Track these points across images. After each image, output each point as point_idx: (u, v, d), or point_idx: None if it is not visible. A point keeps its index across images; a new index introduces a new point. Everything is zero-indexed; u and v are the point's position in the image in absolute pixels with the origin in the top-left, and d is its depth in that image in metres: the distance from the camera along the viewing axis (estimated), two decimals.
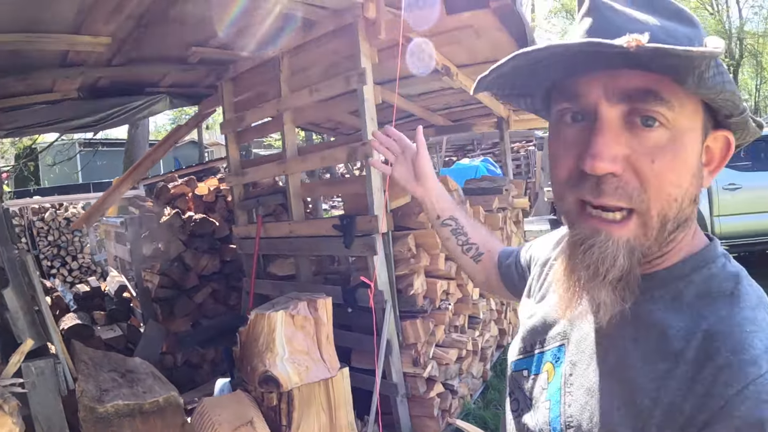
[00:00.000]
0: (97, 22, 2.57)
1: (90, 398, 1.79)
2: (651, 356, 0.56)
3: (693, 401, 0.51)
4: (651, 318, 0.58)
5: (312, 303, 2.27)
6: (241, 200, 3.54)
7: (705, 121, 0.57)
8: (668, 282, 0.60)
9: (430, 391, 2.93)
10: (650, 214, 0.55)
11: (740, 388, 0.49)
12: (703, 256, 0.61)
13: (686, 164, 0.56)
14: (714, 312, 0.55)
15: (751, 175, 6.12)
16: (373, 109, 2.62)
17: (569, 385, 0.63)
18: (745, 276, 0.60)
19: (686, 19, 0.57)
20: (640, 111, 0.54)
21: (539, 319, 0.75)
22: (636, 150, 0.54)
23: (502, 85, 0.65)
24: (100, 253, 7.59)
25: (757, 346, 0.51)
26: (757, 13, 25.50)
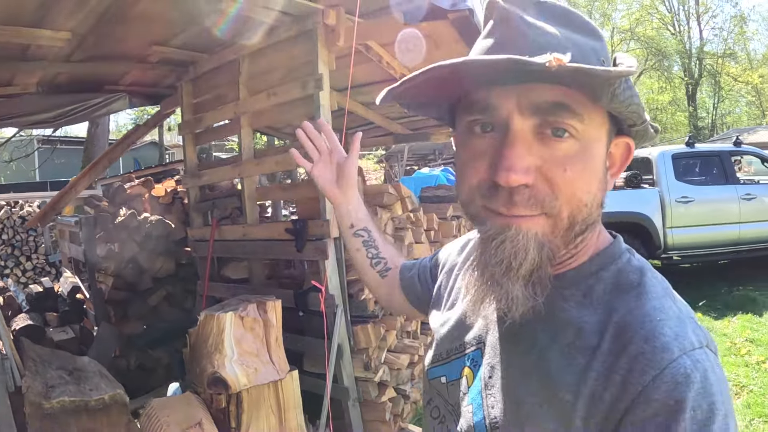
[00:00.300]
0: (58, 17, 2.53)
1: (36, 394, 1.76)
2: (568, 352, 0.58)
3: (612, 390, 0.53)
4: (565, 316, 0.61)
5: (261, 305, 2.27)
6: (197, 202, 3.51)
7: (610, 129, 0.61)
8: (578, 280, 0.63)
9: (382, 395, 2.95)
10: (561, 217, 0.58)
11: (656, 374, 0.51)
12: (609, 252, 0.64)
13: (595, 171, 0.59)
14: (623, 305, 0.58)
15: (704, 189, 6.40)
16: (329, 115, 2.65)
17: (490, 388, 0.65)
18: (649, 269, 0.63)
19: (591, 32, 0.60)
20: (551, 123, 0.55)
21: (452, 325, 0.76)
22: (548, 160, 0.56)
23: (411, 96, 0.65)
24: (54, 254, 7.36)
25: (666, 333, 0.54)
26: (717, 35, 26.63)
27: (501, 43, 0.57)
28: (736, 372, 3.90)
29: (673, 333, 0.54)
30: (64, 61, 3.16)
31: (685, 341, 0.54)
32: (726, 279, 6.57)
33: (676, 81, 26.47)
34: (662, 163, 6.41)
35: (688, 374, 0.51)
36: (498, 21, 0.58)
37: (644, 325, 0.55)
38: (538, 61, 0.47)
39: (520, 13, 0.57)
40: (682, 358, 0.52)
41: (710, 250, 6.40)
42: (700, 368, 0.52)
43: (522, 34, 0.56)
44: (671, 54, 25.64)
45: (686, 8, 26.05)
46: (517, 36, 0.56)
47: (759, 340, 4.49)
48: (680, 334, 0.54)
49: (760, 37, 29.68)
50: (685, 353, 0.53)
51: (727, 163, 6.59)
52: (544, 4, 0.59)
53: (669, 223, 6.24)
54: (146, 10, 2.59)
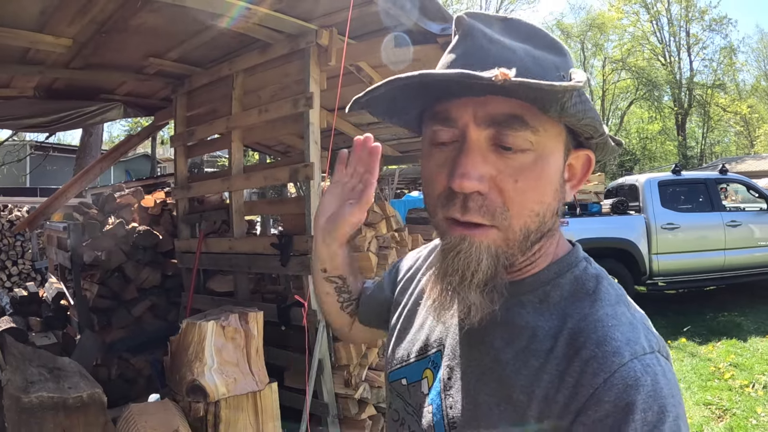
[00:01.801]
0: (60, 23, 2.60)
1: (15, 388, 1.77)
2: (523, 355, 0.60)
3: (565, 392, 0.55)
4: (521, 320, 0.62)
5: (243, 316, 2.29)
6: (186, 214, 3.53)
7: (567, 142, 0.62)
8: (536, 287, 0.64)
9: (362, 412, 2.95)
10: (512, 229, 0.59)
11: (607, 377, 0.53)
12: (567, 260, 0.66)
13: (549, 182, 0.60)
14: (578, 311, 0.60)
15: (689, 216, 6.46)
16: (318, 133, 2.70)
17: (449, 389, 0.66)
18: (605, 277, 0.65)
19: (554, 47, 0.61)
20: (506, 135, 0.57)
21: (415, 329, 0.78)
22: (502, 171, 0.58)
23: (377, 105, 0.67)
24: (41, 260, 7.30)
25: (618, 338, 0.56)
26: (706, 66, 27.14)
27: (462, 57, 0.59)
28: (720, 396, 3.94)
29: (625, 338, 0.56)
30: (62, 67, 3.21)
31: (636, 346, 0.55)
32: (711, 305, 6.63)
33: (666, 111, 26.92)
34: (648, 189, 6.50)
35: (638, 377, 0.52)
36: (462, 36, 0.61)
37: (597, 330, 0.57)
38: (485, 76, 0.50)
39: (483, 29, 0.59)
40: (632, 362, 0.54)
41: (695, 277, 6.45)
42: (651, 372, 0.53)
43: (482, 49, 0.58)
44: (662, 84, 26.12)
45: (677, 39, 26.63)
46: (478, 51, 0.58)
47: (743, 365, 4.54)
48: (632, 339, 0.56)
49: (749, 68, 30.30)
50: (636, 357, 0.54)
51: (713, 191, 6.69)
52: (510, 21, 0.62)
53: (655, 249, 6.30)
54: (146, 23, 2.65)
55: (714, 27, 26.07)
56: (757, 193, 7.07)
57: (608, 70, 27.41)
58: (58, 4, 2.38)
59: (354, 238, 2.97)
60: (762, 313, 6.12)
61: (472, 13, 0.62)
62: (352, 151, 0.84)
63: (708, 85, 26.36)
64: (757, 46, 30.65)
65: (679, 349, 5.11)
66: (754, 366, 4.50)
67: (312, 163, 2.62)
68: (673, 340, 5.38)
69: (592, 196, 7.03)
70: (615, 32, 27.73)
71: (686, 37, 26.46)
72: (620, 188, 7.27)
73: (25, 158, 11.32)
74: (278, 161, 5.01)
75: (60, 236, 4.72)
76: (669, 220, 6.34)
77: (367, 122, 4.27)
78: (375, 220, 3.10)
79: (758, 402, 3.79)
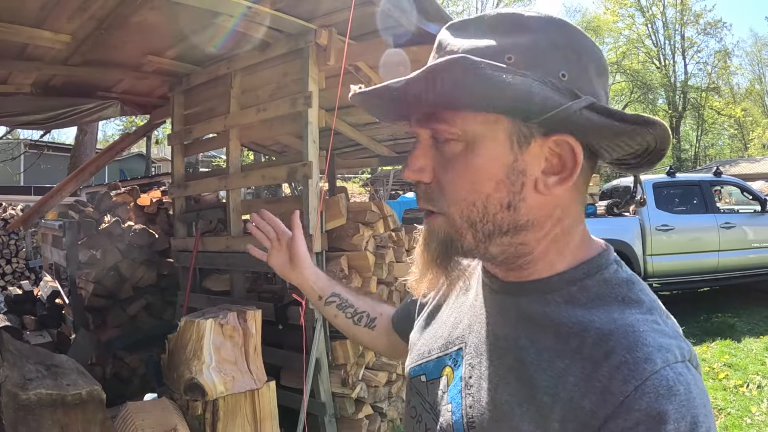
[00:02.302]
0: (60, 19, 2.58)
1: (13, 384, 1.75)
2: (547, 355, 0.58)
3: (592, 398, 0.52)
4: (545, 318, 0.61)
5: (242, 314, 2.29)
6: (182, 213, 3.52)
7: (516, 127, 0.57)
8: (561, 286, 0.62)
9: (359, 412, 2.95)
10: (453, 216, 0.61)
11: (638, 384, 0.51)
12: (597, 262, 0.64)
13: (482, 171, 0.59)
14: (607, 314, 0.58)
15: (684, 218, 6.50)
16: (317, 132, 2.70)
17: (469, 387, 0.65)
18: (637, 281, 0.63)
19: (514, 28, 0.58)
20: (434, 132, 0.61)
21: (436, 326, 0.78)
22: (438, 162, 0.62)
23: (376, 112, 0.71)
24: (35, 259, 7.27)
25: (650, 343, 0.53)
26: (701, 69, 27.30)
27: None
28: (714, 396, 3.97)
29: (657, 344, 0.54)
30: (60, 64, 3.19)
31: (668, 353, 0.53)
32: (705, 306, 6.67)
33: (660, 114, 27.02)
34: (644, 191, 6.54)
35: (670, 386, 0.50)
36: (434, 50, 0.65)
37: (627, 335, 0.55)
38: (353, 90, 0.59)
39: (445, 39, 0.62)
40: (665, 369, 0.52)
41: (690, 278, 6.48)
42: (683, 381, 0.51)
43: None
44: (656, 87, 26.27)
45: (672, 43, 26.78)
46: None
47: (737, 365, 4.58)
48: (664, 346, 0.54)
49: (744, 71, 30.50)
50: (669, 365, 0.52)
51: (707, 193, 6.74)
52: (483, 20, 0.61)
53: (649, 250, 6.33)
54: (146, 20, 2.64)
55: (709, 30, 26.25)
56: (750, 196, 7.12)
57: None
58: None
59: (352, 237, 2.98)
60: (755, 314, 6.17)
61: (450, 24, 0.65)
62: (259, 226, 1.07)
63: (702, 88, 26.54)
64: (751, 49, 30.89)
65: None
66: (748, 366, 4.53)
67: (310, 162, 2.62)
68: None
69: (587, 197, 7.06)
70: (610, 35, 27.84)
71: (681, 40, 26.63)
72: (615, 190, 7.31)
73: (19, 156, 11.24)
74: (276, 160, 5.01)
75: (55, 234, 4.70)
76: (663, 222, 6.38)
77: (364, 122, 4.28)
78: (373, 219, 3.10)
79: (752, 401, 3.83)
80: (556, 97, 0.53)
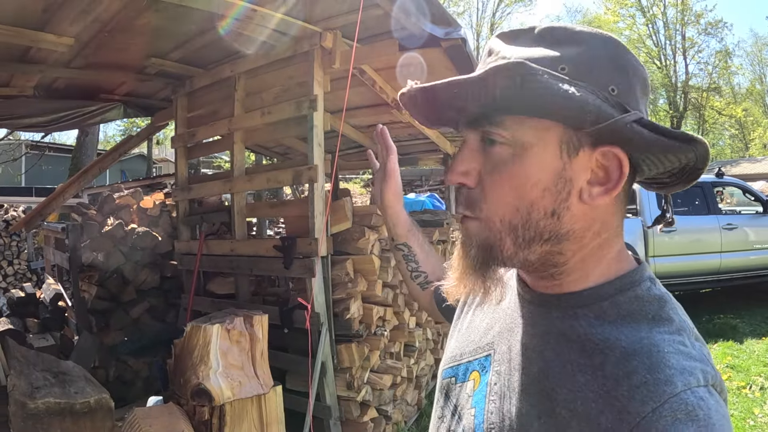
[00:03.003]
0: (63, 22, 2.57)
1: (21, 393, 1.75)
2: (570, 369, 0.58)
3: (609, 416, 0.52)
4: (573, 333, 0.60)
5: (248, 319, 2.28)
6: (186, 216, 3.52)
7: (567, 135, 0.58)
8: (592, 301, 0.62)
9: (364, 415, 2.95)
10: (491, 221, 0.61)
11: (656, 406, 0.50)
12: (630, 278, 0.63)
13: (530, 176, 0.59)
14: (634, 332, 0.57)
15: (687, 219, 6.49)
16: (322, 135, 2.70)
17: (493, 394, 0.66)
18: (669, 300, 0.62)
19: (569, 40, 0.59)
20: (485, 133, 0.61)
21: (469, 330, 0.79)
22: (484, 165, 0.62)
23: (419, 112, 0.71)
24: (37, 261, 7.26)
25: (673, 365, 0.52)
26: (702, 69, 27.27)
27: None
28: None
29: (680, 366, 0.53)
30: (63, 67, 3.19)
31: (690, 377, 0.52)
32: (707, 307, 6.68)
33: (661, 114, 27.05)
34: (645, 193, 6.53)
35: (689, 411, 0.49)
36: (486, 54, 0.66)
37: (651, 355, 0.54)
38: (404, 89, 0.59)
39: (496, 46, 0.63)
40: (685, 393, 0.51)
41: (692, 279, 6.49)
42: (704, 406, 0.50)
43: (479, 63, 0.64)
44: (657, 87, 26.24)
45: (673, 43, 26.76)
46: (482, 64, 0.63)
47: (739, 367, 4.58)
48: (687, 368, 0.53)
49: (744, 71, 30.47)
50: (690, 389, 0.51)
51: (709, 194, 6.73)
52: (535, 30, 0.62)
53: (651, 252, 6.33)
54: (149, 23, 2.64)
55: (709, 30, 26.22)
56: (752, 197, 7.12)
57: None
58: (62, 2, 2.36)
59: (357, 241, 2.97)
60: (757, 316, 6.18)
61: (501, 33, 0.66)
62: (382, 140, 1.05)
63: (703, 88, 26.52)
64: (752, 49, 30.88)
65: None
66: (750, 368, 4.53)
67: (315, 166, 2.62)
68: None
69: None
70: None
71: (682, 40, 26.60)
72: None
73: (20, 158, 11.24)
74: (281, 163, 5.00)
75: (58, 237, 4.70)
76: None
77: (368, 124, 4.27)
78: (378, 223, 3.10)
79: (755, 403, 3.82)
80: (609, 110, 0.54)
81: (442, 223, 4.17)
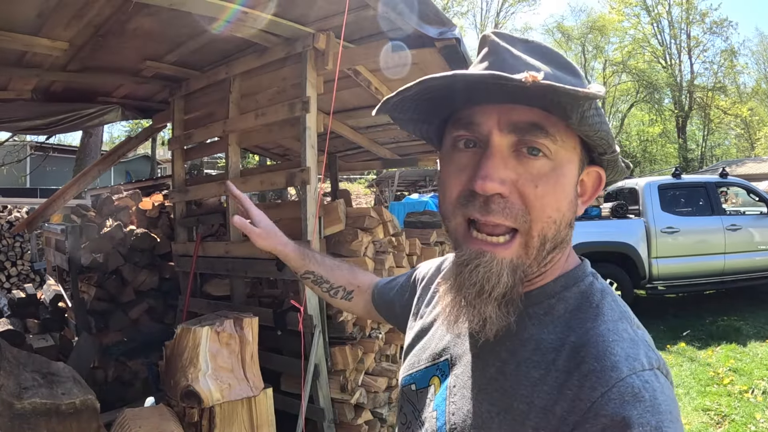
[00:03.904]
0: (56, 27, 2.58)
1: (9, 394, 1.76)
2: (525, 366, 0.61)
3: (563, 405, 0.56)
4: (526, 332, 0.64)
5: (238, 321, 2.28)
6: (183, 217, 3.52)
7: (582, 156, 0.65)
8: (542, 299, 0.66)
9: (358, 418, 2.94)
10: (532, 234, 0.61)
11: (604, 391, 0.54)
12: (574, 274, 0.68)
13: (565, 191, 0.62)
14: (581, 325, 0.62)
15: (689, 220, 6.46)
16: (315, 137, 2.69)
17: (453, 396, 0.68)
18: (610, 292, 0.67)
19: (572, 70, 0.65)
20: (527, 142, 0.60)
21: (427, 337, 0.80)
22: (522, 176, 0.60)
23: (405, 109, 0.69)
24: (40, 261, 7.30)
25: (618, 353, 0.57)
26: (707, 69, 27.10)
27: (491, 67, 0.62)
28: (719, 401, 3.92)
29: (624, 353, 0.57)
30: (59, 70, 3.20)
31: (635, 362, 0.56)
32: (710, 309, 6.63)
33: (666, 113, 26.90)
34: (648, 193, 6.50)
35: (635, 393, 0.53)
36: (487, 52, 0.65)
37: (597, 345, 0.58)
38: (516, 77, 0.52)
39: (507, 47, 0.63)
40: (631, 377, 0.55)
41: (695, 281, 6.45)
42: (649, 388, 0.54)
43: (507, 63, 0.61)
44: (662, 87, 26.09)
45: (678, 42, 26.62)
46: (503, 64, 0.61)
47: (742, 370, 4.52)
48: (631, 354, 0.57)
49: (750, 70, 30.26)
50: (635, 373, 0.55)
51: (713, 194, 6.68)
52: (530, 43, 0.65)
53: (654, 253, 6.29)
54: (142, 26, 2.64)
55: (715, 29, 26.07)
56: (757, 197, 7.06)
57: (609, 73, 27.40)
58: (55, 7, 2.37)
59: (351, 243, 2.96)
60: (761, 318, 6.11)
61: (497, 32, 0.66)
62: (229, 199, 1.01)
63: (708, 87, 26.35)
64: (757, 48, 30.66)
65: (678, 354, 5.10)
66: (753, 371, 4.48)
67: (308, 168, 2.61)
68: (673, 345, 5.36)
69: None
70: (616, 35, 27.75)
71: (687, 39, 26.46)
72: (620, 192, 7.27)
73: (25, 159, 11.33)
74: (276, 165, 5.01)
75: (58, 238, 4.72)
76: (669, 224, 6.34)
77: (366, 125, 4.26)
78: (372, 225, 3.09)
79: (757, 408, 3.78)
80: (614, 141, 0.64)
81: (440, 224, 4.15)
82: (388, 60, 2.81)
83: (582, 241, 6.11)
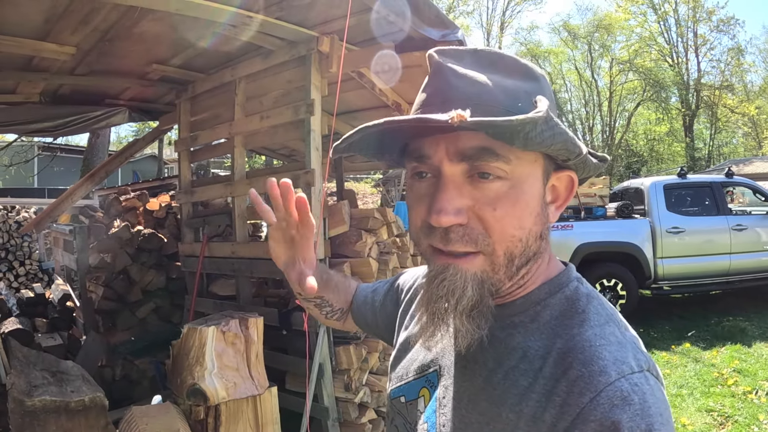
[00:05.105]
0: (63, 32, 2.63)
1: (19, 392, 1.81)
2: (513, 375, 0.61)
3: (552, 411, 0.56)
4: (512, 341, 0.64)
5: (243, 321, 2.32)
6: (190, 218, 3.56)
7: (546, 166, 0.63)
8: (526, 307, 0.66)
9: (362, 416, 2.97)
10: (496, 254, 0.60)
11: (593, 396, 0.54)
12: (558, 280, 0.67)
13: (527, 208, 0.61)
14: (567, 330, 0.61)
15: (695, 220, 6.43)
16: (319, 140, 2.72)
17: (443, 407, 0.68)
18: (595, 297, 0.66)
19: (525, 74, 0.62)
20: (478, 167, 0.59)
21: (414, 348, 0.80)
22: (479, 200, 0.59)
23: (360, 150, 0.68)
24: (48, 261, 7.38)
25: (605, 357, 0.56)
26: (714, 67, 26.87)
27: (432, 96, 0.61)
28: (722, 402, 3.92)
29: (612, 357, 0.56)
30: (67, 74, 3.26)
31: (623, 365, 0.56)
32: (716, 309, 6.60)
33: (673, 112, 26.70)
34: (654, 193, 6.48)
35: (624, 397, 0.53)
36: (432, 74, 0.62)
37: (584, 350, 0.58)
38: (441, 118, 0.52)
39: (452, 66, 0.60)
40: (619, 381, 0.54)
41: (701, 281, 6.42)
42: (638, 391, 0.54)
43: (450, 86, 0.59)
44: (669, 85, 25.89)
45: (685, 40, 26.40)
46: (447, 88, 0.59)
47: (746, 371, 4.51)
48: (619, 358, 0.57)
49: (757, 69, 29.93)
50: (624, 377, 0.55)
51: (719, 194, 6.65)
52: (479, 53, 0.63)
53: (660, 253, 6.27)
54: (148, 31, 2.68)
55: (721, 28, 25.83)
56: (763, 197, 7.02)
57: (615, 72, 27.23)
58: (62, 12, 2.42)
59: (355, 244, 2.99)
60: (767, 318, 6.09)
61: (441, 50, 0.63)
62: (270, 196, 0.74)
63: (716, 86, 26.12)
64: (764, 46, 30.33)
65: (682, 354, 5.09)
66: (758, 372, 4.47)
67: (313, 170, 2.64)
68: (677, 345, 5.36)
69: (597, 199, 7.00)
70: (622, 33, 27.55)
71: (694, 37, 26.24)
72: (625, 192, 7.25)
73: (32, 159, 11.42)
74: (281, 167, 5.04)
75: (66, 239, 4.78)
76: (674, 224, 6.32)
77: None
78: (376, 226, 3.12)
79: (761, 409, 3.77)
80: (580, 144, 0.60)
81: None
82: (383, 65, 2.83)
83: (587, 241, 6.11)
